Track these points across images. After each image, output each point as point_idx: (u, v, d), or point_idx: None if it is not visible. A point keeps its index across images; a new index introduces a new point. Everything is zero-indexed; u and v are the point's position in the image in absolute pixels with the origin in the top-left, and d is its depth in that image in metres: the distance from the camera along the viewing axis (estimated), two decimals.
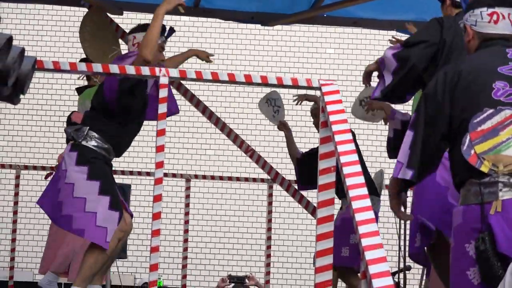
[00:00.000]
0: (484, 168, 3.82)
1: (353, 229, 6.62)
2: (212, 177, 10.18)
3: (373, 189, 6.97)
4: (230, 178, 9.22)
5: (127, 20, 12.20)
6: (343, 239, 6.73)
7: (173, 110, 5.99)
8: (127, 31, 8.62)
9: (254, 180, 9.40)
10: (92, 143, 5.36)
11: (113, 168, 5.54)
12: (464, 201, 3.92)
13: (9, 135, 13.84)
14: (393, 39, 6.75)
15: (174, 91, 6.61)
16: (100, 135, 5.40)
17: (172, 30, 5.76)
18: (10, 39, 2.96)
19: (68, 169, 5.33)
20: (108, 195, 5.26)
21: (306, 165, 7.18)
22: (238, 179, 9.32)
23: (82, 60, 7.32)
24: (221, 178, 10.22)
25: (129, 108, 5.51)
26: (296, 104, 7.41)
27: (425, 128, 4.07)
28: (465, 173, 3.91)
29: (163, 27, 5.60)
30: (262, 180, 8.59)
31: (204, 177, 10.30)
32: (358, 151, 7.24)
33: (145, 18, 13.33)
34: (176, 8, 5.88)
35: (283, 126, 7.48)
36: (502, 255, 3.65)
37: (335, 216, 4.50)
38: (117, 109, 5.48)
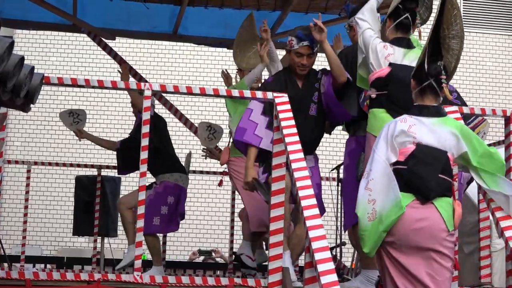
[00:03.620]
0: None
1: (165, 201, 6.52)
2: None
3: (182, 168, 6.55)
4: (201, 172, 9.14)
5: (119, 44, 12.16)
6: (155, 210, 6.34)
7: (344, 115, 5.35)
8: (119, 53, 8.56)
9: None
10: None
11: (108, 164, 5.44)
12: (354, 133, 5.18)
13: (21, 136, 13.70)
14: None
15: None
16: None
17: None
18: (12, 43, 2.95)
19: None
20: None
21: (125, 153, 6.71)
22: (201, 173, 9.11)
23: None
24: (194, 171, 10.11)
25: None
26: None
27: None
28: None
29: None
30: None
31: None
32: (166, 136, 6.59)
33: (133, 42, 13.35)
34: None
35: (79, 133, 7.02)
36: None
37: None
38: None
